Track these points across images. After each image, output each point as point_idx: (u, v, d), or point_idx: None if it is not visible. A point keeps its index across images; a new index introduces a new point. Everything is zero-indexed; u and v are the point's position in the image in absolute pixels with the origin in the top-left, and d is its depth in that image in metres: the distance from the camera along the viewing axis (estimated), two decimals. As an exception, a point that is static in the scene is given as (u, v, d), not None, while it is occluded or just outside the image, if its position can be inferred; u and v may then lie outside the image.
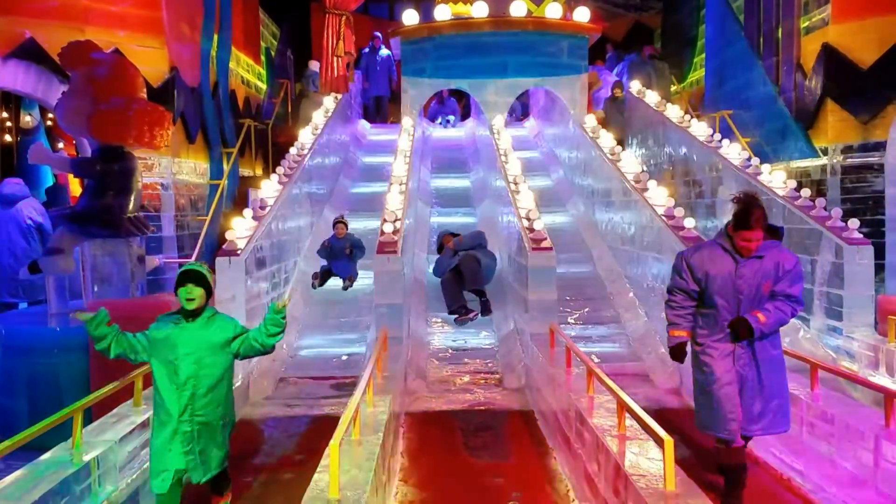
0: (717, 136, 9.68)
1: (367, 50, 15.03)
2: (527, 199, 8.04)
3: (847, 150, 8.92)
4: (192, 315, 3.64)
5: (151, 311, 6.15)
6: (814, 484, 4.30)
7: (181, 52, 9.46)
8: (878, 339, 6.26)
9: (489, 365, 7.08)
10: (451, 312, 7.63)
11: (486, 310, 7.73)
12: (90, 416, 4.32)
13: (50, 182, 12.82)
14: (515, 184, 8.55)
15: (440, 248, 8.09)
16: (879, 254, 7.96)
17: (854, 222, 6.88)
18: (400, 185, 8.66)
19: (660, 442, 3.22)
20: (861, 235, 6.80)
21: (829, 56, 9.05)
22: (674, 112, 10.76)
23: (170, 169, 9.25)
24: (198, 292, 3.61)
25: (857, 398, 5.19)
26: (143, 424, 4.32)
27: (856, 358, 6.36)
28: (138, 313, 6.14)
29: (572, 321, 7.87)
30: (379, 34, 14.83)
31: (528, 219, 7.55)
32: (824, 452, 4.31)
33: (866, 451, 3.94)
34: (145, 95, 7.64)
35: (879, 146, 8.71)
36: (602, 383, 4.36)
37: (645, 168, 8.99)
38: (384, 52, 14.76)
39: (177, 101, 9.19)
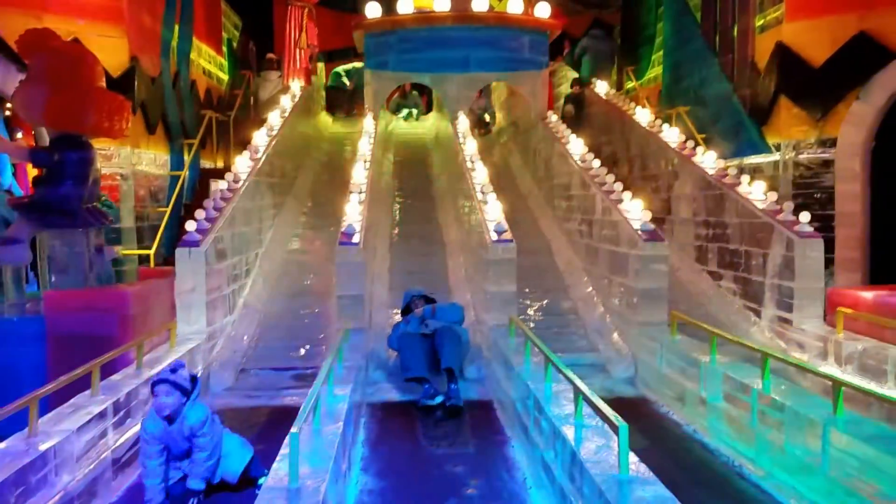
0: (676, 130, 9.86)
1: None
2: (493, 206, 7.94)
3: (799, 146, 9.17)
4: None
5: (109, 302, 6.15)
6: (765, 471, 4.42)
7: (142, 41, 9.34)
8: (828, 330, 6.46)
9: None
10: (408, 379, 6.04)
11: (455, 398, 5.78)
12: (47, 405, 4.27)
13: (9, 171, 12.51)
14: (483, 193, 8.54)
15: (405, 311, 6.72)
16: (829, 247, 8.18)
17: (805, 216, 7.08)
18: (362, 176, 8.67)
19: (615, 429, 3.31)
20: (811, 229, 7.00)
21: (783, 54, 9.27)
22: (635, 111, 10.94)
23: (129, 159, 9.13)
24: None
25: (806, 387, 5.36)
26: (101, 414, 4.29)
27: (805, 348, 6.56)
28: (94, 303, 6.10)
29: (532, 312, 7.98)
30: None
31: (492, 220, 7.60)
32: (775, 440, 4.43)
33: (815, 438, 4.05)
34: (104, 85, 7.53)
35: (831, 143, 8.96)
36: (560, 372, 4.45)
37: (601, 161, 9.11)
38: None
39: (137, 92, 9.07)
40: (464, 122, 11.36)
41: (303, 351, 7.10)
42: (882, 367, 5.59)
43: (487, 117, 14.91)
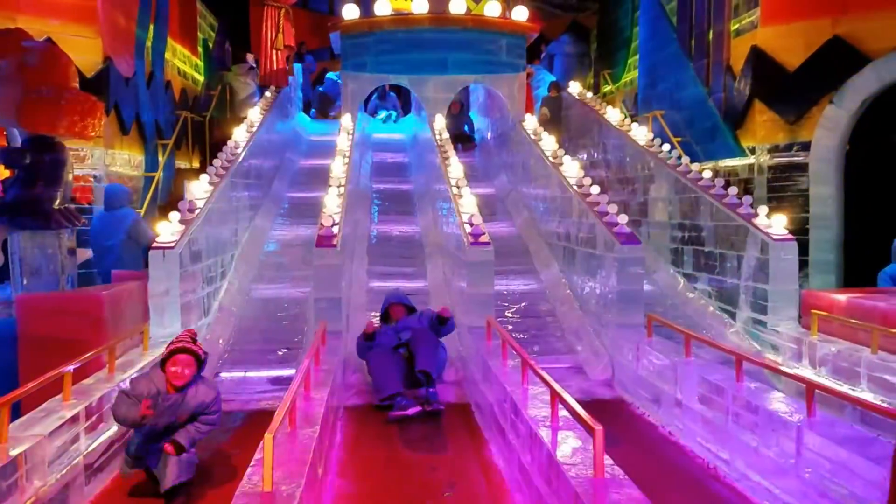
0: (650, 134, 9.94)
1: None
2: (469, 202, 8.00)
3: (774, 149, 9.28)
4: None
5: (81, 305, 6.05)
6: (739, 473, 4.45)
7: (116, 42, 9.23)
8: (802, 332, 6.53)
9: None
10: (382, 401, 5.69)
11: (435, 402, 5.64)
12: (18, 410, 4.20)
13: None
14: (458, 187, 8.59)
15: (384, 317, 6.51)
16: (804, 250, 8.31)
17: (779, 219, 7.16)
18: (341, 170, 8.63)
19: (591, 431, 3.31)
20: (786, 232, 7.08)
21: (758, 58, 9.39)
22: (611, 114, 11.01)
23: (103, 160, 9.02)
24: None
25: (781, 389, 5.41)
26: (73, 419, 4.22)
27: (780, 350, 6.63)
28: (67, 306, 6.00)
29: (510, 315, 7.99)
30: None
31: (467, 212, 7.62)
32: (749, 442, 4.45)
33: (789, 440, 4.07)
34: (77, 85, 7.44)
35: (805, 146, 9.08)
36: (537, 375, 4.45)
37: (582, 167, 9.16)
38: None
39: (111, 92, 8.97)
40: (440, 122, 11.37)
41: (279, 354, 7.05)
42: (855, 369, 5.66)
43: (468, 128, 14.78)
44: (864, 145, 8.91)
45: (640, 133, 9.87)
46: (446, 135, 10.76)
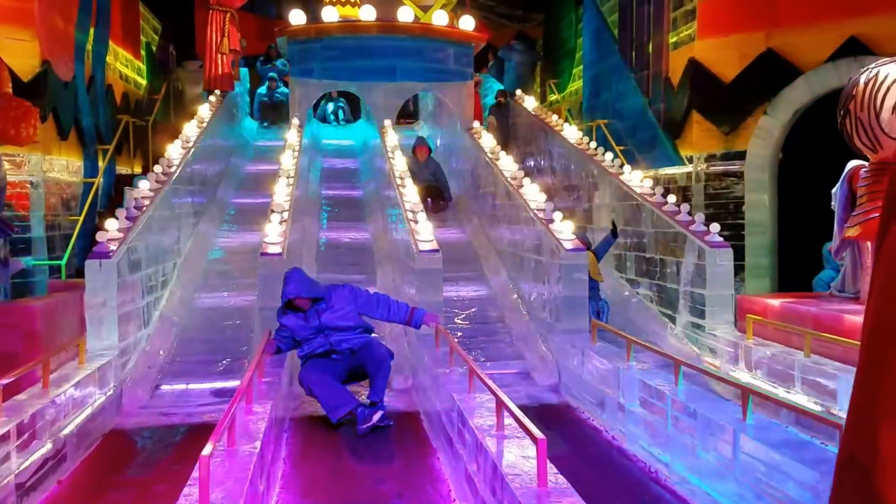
0: (593, 143, 10.12)
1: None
2: (412, 195, 8.05)
3: (710, 158, 9.54)
4: None
5: (14, 317, 5.85)
6: (679, 476, 4.54)
7: (54, 45, 8.97)
8: (738, 336, 6.73)
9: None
10: (341, 420, 5.42)
11: (383, 420, 5.45)
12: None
13: None
14: (402, 182, 8.60)
15: (288, 305, 5.80)
16: (739, 255, 8.56)
17: (715, 226, 7.37)
18: (287, 179, 8.55)
19: (535, 440, 3.35)
20: (722, 238, 7.29)
21: (695, 70, 9.63)
22: (558, 123, 11.18)
23: (40, 166, 8.75)
24: None
25: (719, 392, 5.55)
26: (4, 437, 4.08)
27: (718, 353, 6.81)
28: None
29: (459, 322, 8.02)
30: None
31: (416, 221, 7.63)
32: (688, 446, 4.55)
33: (726, 443, 4.16)
34: (11, 90, 7.20)
35: (740, 155, 9.35)
36: (483, 383, 4.47)
37: (525, 172, 9.27)
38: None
39: (49, 97, 8.72)
40: (389, 129, 11.38)
41: (223, 365, 6.94)
42: (789, 371, 5.85)
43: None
44: (797, 154, 9.22)
45: (572, 132, 10.02)
46: (395, 141, 10.76)
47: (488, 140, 10.63)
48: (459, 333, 7.59)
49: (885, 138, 1.77)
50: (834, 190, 6.66)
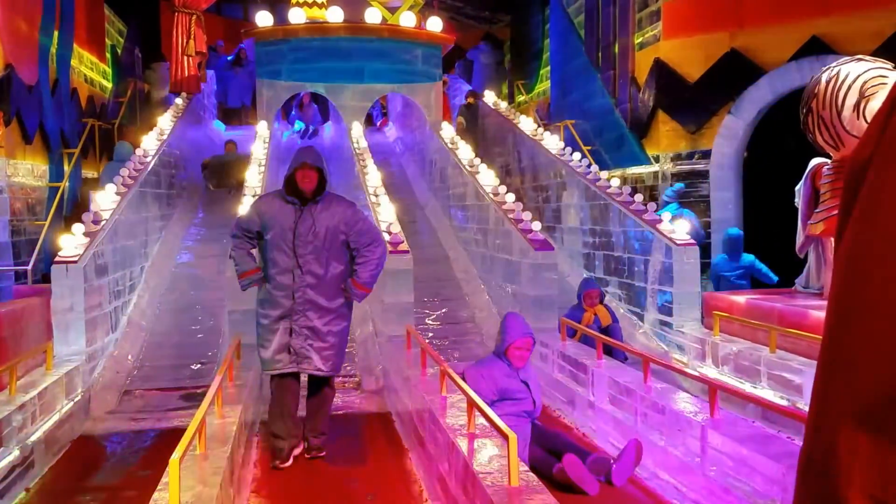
0: (561, 143, 10.21)
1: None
2: (387, 210, 8.01)
3: (676, 157, 9.68)
4: None
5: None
6: (649, 472, 4.60)
7: (17, 48, 8.82)
8: (705, 333, 6.83)
9: (347, 368, 7.06)
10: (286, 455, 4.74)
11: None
12: None
13: None
14: (376, 195, 8.59)
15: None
16: (706, 253, 8.69)
17: (682, 224, 7.47)
18: (256, 179, 8.50)
19: (506, 439, 3.38)
20: (687, 237, 7.39)
21: (660, 70, 9.77)
22: (525, 122, 11.24)
23: (4, 171, 8.59)
24: None
25: (687, 388, 5.64)
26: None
27: (685, 350, 6.91)
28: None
29: (430, 322, 8.03)
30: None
31: (386, 221, 7.63)
32: (657, 441, 4.61)
33: (694, 439, 4.23)
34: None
35: (705, 154, 9.50)
36: (455, 383, 4.50)
37: (494, 173, 9.32)
38: None
39: (12, 100, 8.57)
40: (357, 129, 11.34)
41: (193, 369, 6.88)
42: (755, 367, 5.95)
43: None
44: (761, 152, 9.39)
45: (553, 142, 10.11)
46: (364, 143, 10.74)
47: (456, 140, 10.65)
48: (430, 334, 7.62)
49: (847, 135, 1.83)
50: (797, 187, 6.78)
